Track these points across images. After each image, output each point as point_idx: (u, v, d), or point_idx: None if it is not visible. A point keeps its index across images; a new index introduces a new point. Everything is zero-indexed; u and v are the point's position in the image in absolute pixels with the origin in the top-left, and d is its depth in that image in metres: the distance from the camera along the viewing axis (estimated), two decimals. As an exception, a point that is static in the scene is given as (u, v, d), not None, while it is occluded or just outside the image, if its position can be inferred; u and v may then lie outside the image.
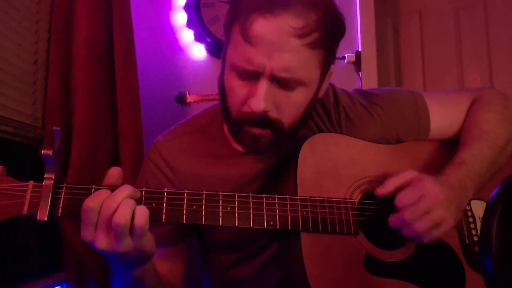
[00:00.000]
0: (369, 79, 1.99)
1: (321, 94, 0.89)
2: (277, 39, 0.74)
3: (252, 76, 0.78)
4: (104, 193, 0.67)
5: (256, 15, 0.75)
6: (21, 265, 1.25)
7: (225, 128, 0.93)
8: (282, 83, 0.78)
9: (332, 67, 0.88)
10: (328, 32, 0.78)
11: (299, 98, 0.81)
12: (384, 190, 0.80)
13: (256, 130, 0.82)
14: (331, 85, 0.98)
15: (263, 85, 0.77)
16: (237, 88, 0.81)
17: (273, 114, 0.80)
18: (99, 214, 0.66)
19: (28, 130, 1.29)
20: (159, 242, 0.89)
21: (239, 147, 0.91)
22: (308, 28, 0.75)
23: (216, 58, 2.00)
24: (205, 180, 0.91)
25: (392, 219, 0.78)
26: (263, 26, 0.74)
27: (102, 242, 0.66)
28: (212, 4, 1.95)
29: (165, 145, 0.95)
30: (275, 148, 0.87)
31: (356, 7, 2.02)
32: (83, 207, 0.66)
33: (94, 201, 0.66)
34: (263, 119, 0.80)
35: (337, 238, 0.80)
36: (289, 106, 0.81)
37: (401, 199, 0.77)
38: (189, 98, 1.95)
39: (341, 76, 1.97)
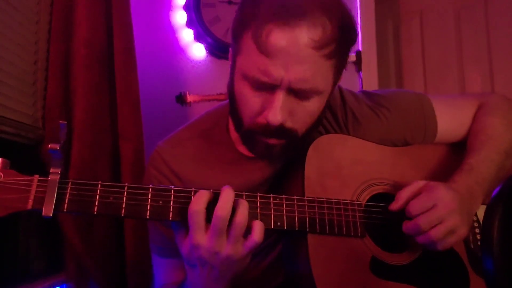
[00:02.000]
0: (369, 79, 1.99)
1: (331, 97, 0.88)
2: (295, 51, 0.73)
3: (267, 87, 0.76)
4: (205, 194, 0.70)
5: (272, 26, 0.73)
6: (21, 265, 1.25)
7: (231, 131, 0.92)
8: (299, 93, 0.77)
9: (346, 70, 0.87)
10: (343, 41, 0.77)
11: (314, 106, 0.80)
12: (397, 205, 0.81)
13: (272, 141, 0.81)
14: (338, 86, 0.98)
15: (280, 97, 0.76)
16: (251, 98, 0.79)
17: (288, 124, 0.79)
18: (213, 218, 0.69)
19: (28, 130, 1.28)
20: (175, 252, 0.89)
21: (244, 151, 0.90)
22: (326, 40, 0.74)
23: (216, 58, 1.99)
24: (213, 188, 0.90)
25: (407, 226, 0.78)
26: (280, 38, 0.72)
27: (219, 245, 0.69)
28: (212, 4, 1.94)
29: (168, 152, 0.93)
30: (287, 153, 0.86)
31: (357, 7, 2.02)
32: (190, 212, 0.69)
33: (199, 204, 0.69)
34: (279, 130, 0.78)
35: (343, 240, 0.80)
36: (304, 115, 0.80)
37: (414, 207, 0.77)
38: (189, 98, 1.94)
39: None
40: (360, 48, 2.00)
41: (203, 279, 0.75)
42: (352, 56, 1.99)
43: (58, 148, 0.67)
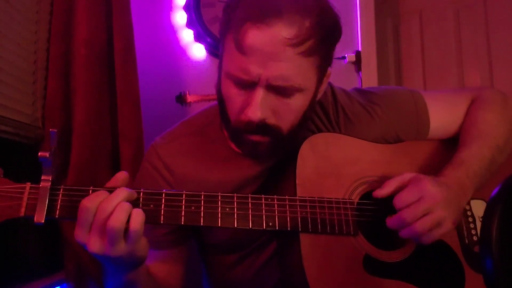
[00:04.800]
0: (369, 79, 1.99)
1: (319, 96, 0.89)
2: (271, 49, 0.74)
3: (248, 85, 0.78)
4: (102, 194, 0.67)
5: (249, 25, 0.75)
6: (21, 265, 1.25)
7: (224, 129, 0.92)
8: (279, 90, 0.78)
9: (331, 67, 0.88)
10: (323, 38, 0.78)
11: (297, 104, 0.81)
12: (382, 191, 0.81)
13: (255, 137, 0.82)
14: (330, 84, 0.98)
15: (259, 94, 0.77)
16: (234, 96, 0.81)
17: (271, 121, 0.80)
18: (94, 216, 0.66)
19: (28, 130, 1.29)
20: (159, 245, 0.89)
21: (237, 148, 0.91)
22: (302, 37, 0.75)
23: (216, 58, 2.00)
24: (204, 184, 0.90)
25: (391, 220, 0.78)
26: (256, 36, 0.74)
27: (94, 245, 0.65)
28: (212, 4, 1.95)
29: (163, 147, 0.94)
30: (275, 152, 0.87)
31: (356, 7, 2.01)
32: (80, 206, 0.66)
33: (92, 201, 0.66)
34: (261, 127, 0.80)
35: (336, 238, 0.80)
36: (287, 112, 0.81)
37: (400, 200, 0.77)
38: (189, 98, 1.94)
39: (341, 76, 1.97)
40: (359, 48, 2.00)
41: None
42: (352, 56, 1.99)
43: (47, 156, 0.67)
